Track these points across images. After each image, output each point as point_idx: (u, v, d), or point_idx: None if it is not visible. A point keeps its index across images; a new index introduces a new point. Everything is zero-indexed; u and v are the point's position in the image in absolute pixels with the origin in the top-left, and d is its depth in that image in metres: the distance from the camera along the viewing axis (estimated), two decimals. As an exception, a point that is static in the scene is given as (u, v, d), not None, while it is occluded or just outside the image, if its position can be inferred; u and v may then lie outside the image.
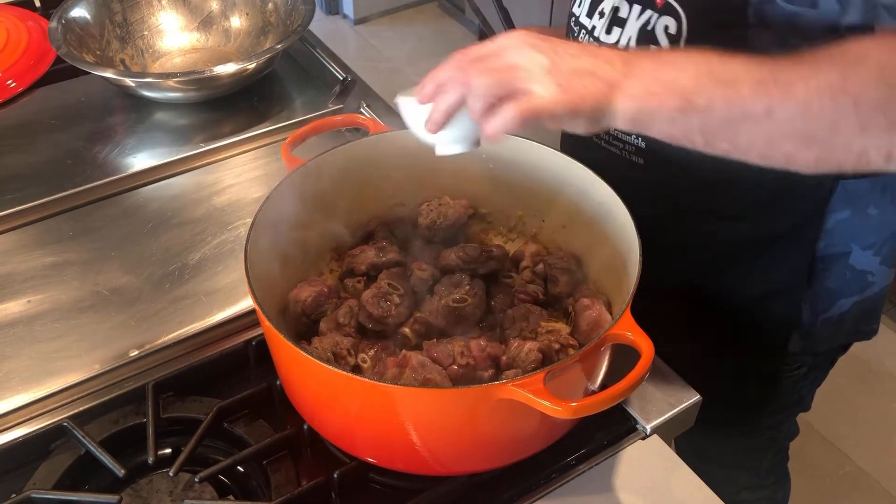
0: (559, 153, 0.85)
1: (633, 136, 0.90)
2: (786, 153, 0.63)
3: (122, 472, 0.75)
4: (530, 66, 0.63)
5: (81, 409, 0.81)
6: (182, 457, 0.76)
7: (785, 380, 1.07)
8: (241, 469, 0.78)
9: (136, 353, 0.86)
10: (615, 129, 0.92)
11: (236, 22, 1.33)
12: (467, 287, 0.84)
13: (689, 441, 1.19)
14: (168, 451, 0.79)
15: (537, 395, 0.61)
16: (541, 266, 0.87)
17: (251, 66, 1.16)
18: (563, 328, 0.79)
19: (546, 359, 0.76)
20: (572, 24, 0.98)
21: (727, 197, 0.90)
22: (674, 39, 0.82)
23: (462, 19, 3.49)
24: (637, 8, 0.85)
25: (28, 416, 0.81)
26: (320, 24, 3.48)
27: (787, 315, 0.98)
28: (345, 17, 3.58)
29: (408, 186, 0.91)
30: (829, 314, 0.99)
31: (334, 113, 1.20)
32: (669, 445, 0.82)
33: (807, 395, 1.14)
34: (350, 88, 1.23)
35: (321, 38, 1.37)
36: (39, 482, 0.74)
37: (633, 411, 0.82)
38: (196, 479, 0.74)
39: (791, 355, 1.03)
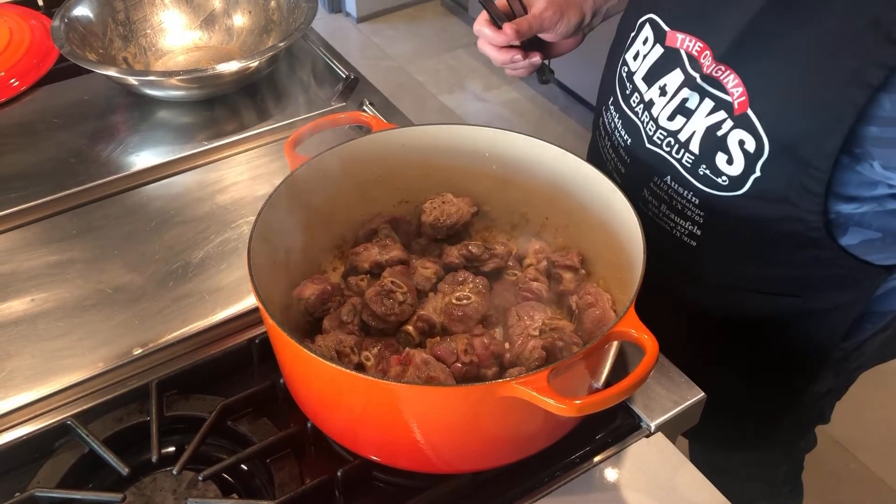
0: (564, 151, 0.84)
1: (688, 223, 0.87)
2: None
3: (126, 470, 0.75)
4: None
5: (85, 407, 0.81)
6: (185, 455, 0.76)
7: (806, 399, 1.06)
8: (245, 467, 0.78)
9: (140, 351, 0.86)
10: (667, 209, 0.89)
11: (239, 20, 1.33)
12: (471, 285, 0.83)
13: (703, 454, 1.18)
14: (172, 449, 0.79)
15: (541, 393, 0.61)
16: (545, 263, 0.86)
17: (254, 64, 1.16)
18: (567, 326, 0.78)
19: (550, 356, 0.75)
20: (624, 76, 0.92)
21: (782, 279, 0.88)
22: (752, 158, 0.78)
23: (465, 17, 3.49)
24: (708, 104, 0.80)
25: (32, 415, 0.81)
26: (323, 23, 3.49)
27: (820, 360, 0.97)
28: (347, 15, 3.58)
29: (411, 184, 0.91)
30: (862, 350, 0.98)
31: (337, 111, 1.19)
32: (674, 443, 0.81)
33: (827, 412, 1.13)
34: (353, 86, 1.23)
35: (324, 36, 1.37)
36: (43, 480, 0.74)
37: (638, 409, 0.81)
38: (199, 478, 0.74)
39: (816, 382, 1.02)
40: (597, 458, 0.78)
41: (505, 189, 0.91)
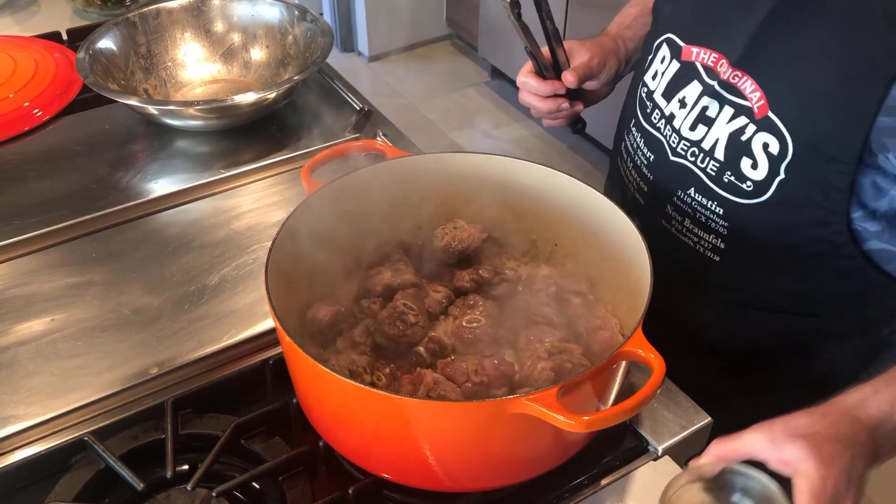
0: (573, 179, 0.86)
1: (712, 236, 0.88)
2: None
3: (141, 486, 0.76)
4: None
5: (102, 424, 0.82)
6: (199, 472, 0.77)
7: None
8: (257, 485, 0.79)
9: (156, 370, 0.87)
10: (690, 223, 0.90)
11: (256, 54, 1.37)
12: (481, 308, 0.85)
13: None
14: (186, 466, 0.80)
15: (551, 409, 0.62)
16: (554, 288, 0.88)
17: (270, 95, 1.19)
18: (575, 349, 0.80)
19: (558, 378, 0.77)
20: (644, 96, 0.94)
21: (804, 298, 0.88)
22: (776, 160, 0.79)
23: (474, 56, 3.55)
24: (728, 111, 0.82)
25: (50, 431, 0.82)
26: (335, 61, 3.51)
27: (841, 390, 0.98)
28: (359, 54, 3.65)
29: (423, 210, 0.93)
30: None
31: (351, 141, 1.22)
32: (681, 467, 0.82)
33: None
34: (366, 118, 1.26)
35: (336, 74, 1.41)
36: (60, 495, 0.76)
37: (645, 432, 0.82)
38: (213, 495, 0.75)
39: None
40: (604, 481, 0.79)
41: (515, 216, 0.93)
